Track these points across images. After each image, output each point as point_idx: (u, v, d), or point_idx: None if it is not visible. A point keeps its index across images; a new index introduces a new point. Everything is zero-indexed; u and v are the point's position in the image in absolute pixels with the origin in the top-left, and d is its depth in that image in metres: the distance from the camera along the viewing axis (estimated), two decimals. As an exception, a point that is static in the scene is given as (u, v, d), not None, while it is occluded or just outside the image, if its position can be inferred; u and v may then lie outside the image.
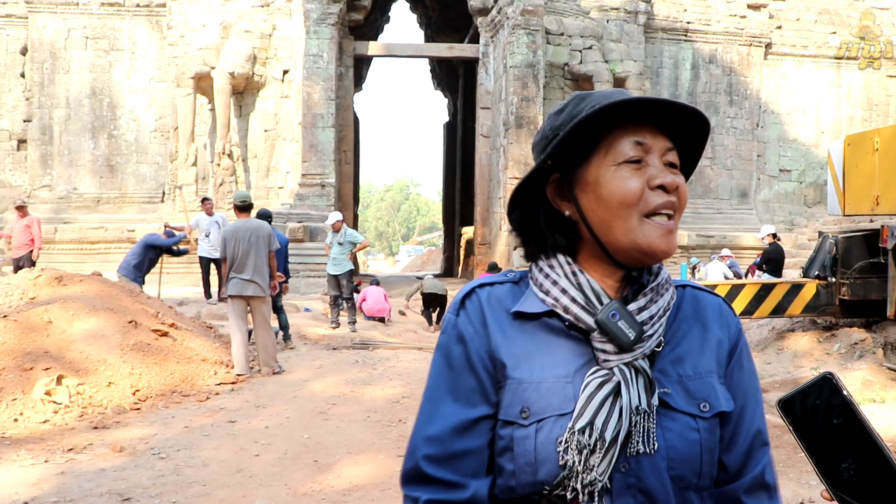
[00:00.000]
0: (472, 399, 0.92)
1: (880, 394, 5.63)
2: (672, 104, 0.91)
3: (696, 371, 0.93)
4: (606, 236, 0.92)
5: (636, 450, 0.87)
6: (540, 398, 0.89)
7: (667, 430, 0.88)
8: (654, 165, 0.92)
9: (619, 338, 0.88)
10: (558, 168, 0.96)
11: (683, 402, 0.90)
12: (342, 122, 16.14)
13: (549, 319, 0.93)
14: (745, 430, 0.95)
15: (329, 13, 14.85)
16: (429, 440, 0.91)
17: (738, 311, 7.25)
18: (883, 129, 7.00)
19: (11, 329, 5.55)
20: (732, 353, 0.98)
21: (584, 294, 0.92)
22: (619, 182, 0.91)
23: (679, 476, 0.88)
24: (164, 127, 16.44)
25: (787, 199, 19.02)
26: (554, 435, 0.87)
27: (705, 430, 0.90)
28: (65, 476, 3.88)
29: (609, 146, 0.92)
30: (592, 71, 15.84)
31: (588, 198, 0.93)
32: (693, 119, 0.94)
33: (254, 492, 3.73)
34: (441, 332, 0.97)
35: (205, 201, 11.71)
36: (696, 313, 0.98)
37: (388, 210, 69.05)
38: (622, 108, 0.91)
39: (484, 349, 0.92)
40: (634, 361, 0.89)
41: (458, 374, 0.93)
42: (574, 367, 0.90)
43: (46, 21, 16.29)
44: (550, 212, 0.97)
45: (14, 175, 16.98)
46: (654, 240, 0.90)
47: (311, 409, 5.43)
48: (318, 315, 11.16)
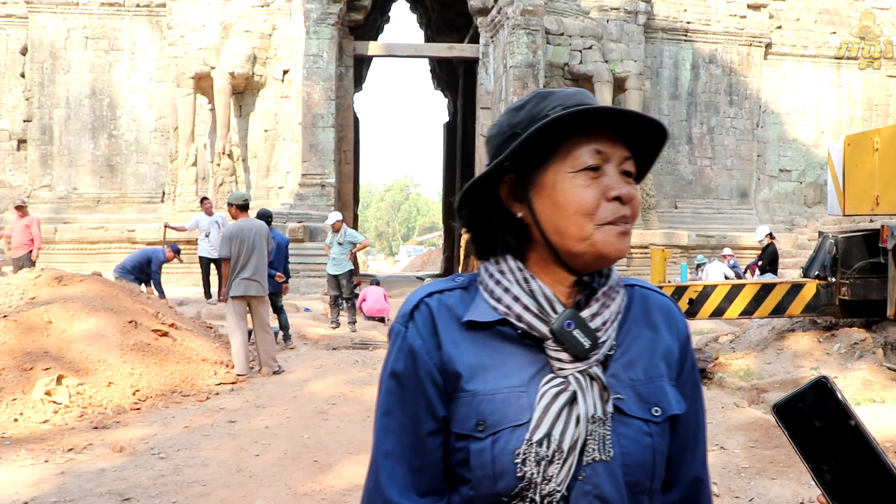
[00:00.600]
0: (422, 417, 0.91)
1: (880, 394, 5.63)
2: (637, 116, 0.91)
3: (647, 375, 0.93)
4: (559, 241, 0.91)
5: (592, 457, 0.87)
6: (495, 410, 0.88)
7: (621, 437, 0.89)
8: (611, 175, 0.91)
9: (574, 347, 0.88)
10: (514, 169, 0.94)
11: (636, 408, 0.91)
12: (342, 122, 16.14)
13: (501, 328, 0.91)
14: (692, 447, 0.99)
15: (329, 13, 14.85)
16: (388, 471, 0.91)
17: (738, 312, 7.24)
18: (883, 129, 7.00)
19: (11, 329, 5.55)
20: (683, 359, 0.98)
21: (538, 301, 0.90)
22: (577, 191, 0.90)
23: (634, 481, 0.89)
24: (164, 127, 16.44)
25: (787, 199, 19.02)
26: (511, 446, 0.86)
27: (657, 435, 0.91)
28: (65, 476, 3.89)
29: (568, 152, 0.91)
30: (592, 71, 15.85)
31: (543, 202, 0.92)
32: (652, 129, 0.94)
33: (254, 492, 3.73)
34: (390, 345, 0.95)
35: (204, 201, 11.71)
36: (645, 315, 0.98)
37: (388, 210, 69.05)
38: (586, 116, 0.90)
39: (434, 363, 0.91)
40: (589, 369, 0.88)
41: (407, 390, 0.91)
42: (528, 375, 0.89)
43: (46, 21, 16.29)
44: (502, 212, 0.95)
45: (14, 175, 16.98)
46: (610, 242, 0.89)
47: (311, 409, 5.43)
48: (318, 315, 11.16)
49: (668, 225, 17.45)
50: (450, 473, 0.92)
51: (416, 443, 0.91)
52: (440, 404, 0.91)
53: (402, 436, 0.91)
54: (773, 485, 3.87)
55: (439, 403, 0.91)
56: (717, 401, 5.77)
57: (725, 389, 6.71)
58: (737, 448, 4.47)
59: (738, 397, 6.21)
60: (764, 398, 6.13)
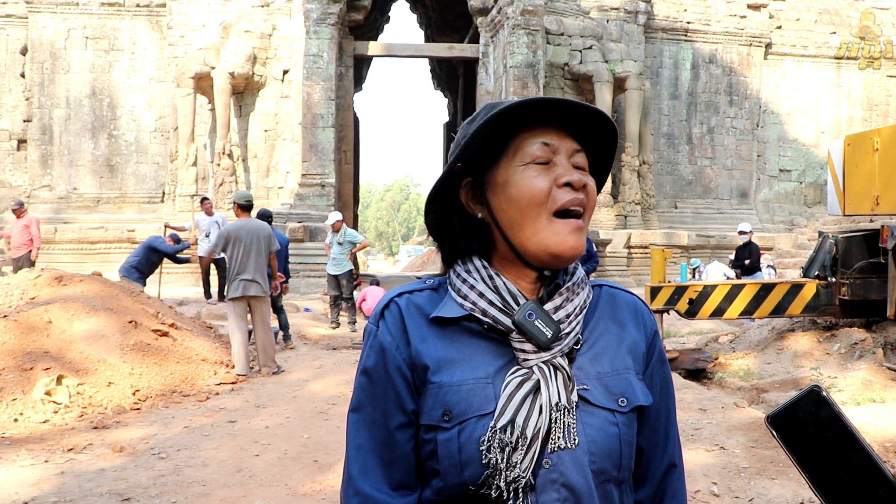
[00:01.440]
0: (392, 411, 0.93)
1: (880, 394, 5.63)
2: (572, 104, 0.94)
3: (613, 367, 0.95)
4: (516, 237, 0.93)
5: (557, 445, 0.88)
6: (461, 400, 0.90)
7: (587, 426, 0.90)
8: (562, 165, 0.94)
9: (536, 337, 0.90)
10: (470, 172, 0.97)
11: (602, 398, 0.92)
12: (342, 122, 16.14)
13: (467, 323, 0.94)
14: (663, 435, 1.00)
15: (329, 13, 14.85)
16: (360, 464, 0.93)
17: (738, 312, 7.25)
18: (883, 129, 7.00)
19: (11, 329, 5.55)
20: (650, 353, 1.00)
21: (501, 296, 0.93)
22: (527, 181, 0.92)
23: (600, 469, 0.90)
24: (164, 127, 16.45)
25: (787, 199, 19.03)
26: (476, 435, 0.88)
27: (623, 424, 0.93)
28: (65, 476, 3.89)
29: (517, 148, 0.94)
30: (592, 71, 15.85)
31: (498, 199, 0.95)
32: (600, 123, 0.97)
33: (254, 492, 3.73)
34: (364, 344, 0.98)
35: (204, 201, 11.70)
36: (612, 312, 1.00)
37: (388, 210, 69.06)
38: (529, 111, 0.93)
39: (402, 358, 0.93)
40: (553, 359, 0.91)
41: (377, 386, 0.94)
42: (494, 368, 0.91)
43: (46, 21, 16.29)
44: (464, 216, 0.98)
45: (14, 175, 16.99)
46: (562, 238, 0.91)
47: (311, 409, 5.43)
48: (318, 315, 11.16)
49: (668, 225, 17.45)
50: (421, 468, 0.94)
51: (387, 436, 0.93)
52: (409, 398, 0.93)
53: (372, 430, 0.93)
54: (773, 485, 3.87)
55: (408, 397, 0.93)
56: (717, 401, 5.77)
57: (725, 389, 6.71)
58: (737, 448, 4.47)
59: (738, 397, 6.20)
60: (764, 398, 6.13)
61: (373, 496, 0.91)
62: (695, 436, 4.71)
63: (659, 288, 7.44)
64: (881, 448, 4.70)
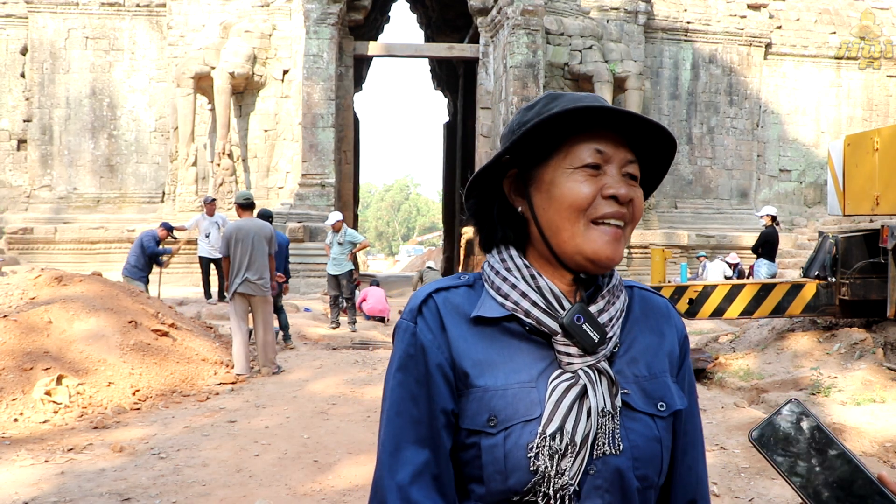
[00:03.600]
0: (435, 411, 0.89)
1: (880, 394, 5.63)
2: (637, 118, 0.91)
3: (650, 371, 0.95)
4: (553, 237, 0.92)
5: (603, 451, 0.87)
6: (506, 405, 0.88)
7: (630, 431, 0.89)
8: (612, 175, 0.92)
9: (584, 340, 0.89)
10: (517, 164, 0.96)
11: (642, 403, 0.92)
12: (342, 122, 16.14)
13: (508, 324, 0.92)
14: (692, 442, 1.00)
15: (329, 13, 14.85)
16: (397, 467, 0.88)
17: (738, 312, 7.24)
18: (883, 129, 6.99)
19: (11, 329, 5.55)
20: (682, 358, 1.00)
21: (545, 298, 0.91)
22: (573, 185, 0.91)
23: (643, 475, 0.90)
24: (164, 127, 16.44)
25: (787, 199, 19.02)
26: (523, 441, 0.86)
27: (664, 429, 0.92)
28: (65, 476, 3.88)
29: (569, 150, 0.92)
30: (592, 71, 15.84)
31: (541, 197, 0.93)
32: (658, 135, 0.95)
33: (254, 492, 3.73)
34: (398, 341, 0.94)
35: (212, 202, 11.46)
36: (645, 314, 1.00)
37: (388, 210, 69.02)
38: (587, 114, 0.91)
39: (444, 357, 0.90)
40: (597, 364, 0.89)
41: (420, 385, 0.90)
42: (537, 371, 0.90)
43: (46, 21, 16.28)
44: (504, 206, 0.97)
45: (14, 175, 16.98)
46: (600, 246, 0.90)
47: (311, 409, 5.42)
48: (318, 315, 11.16)
49: (668, 225, 17.45)
50: (459, 474, 0.91)
51: (431, 436, 0.89)
52: (450, 399, 0.90)
53: (417, 429, 0.89)
54: (772, 485, 3.87)
55: (449, 398, 0.90)
56: (717, 401, 5.77)
57: (725, 389, 6.71)
58: (737, 448, 4.46)
59: (738, 397, 6.20)
60: (764, 398, 6.13)
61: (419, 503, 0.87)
62: (695, 436, 4.70)
63: (659, 288, 7.44)
64: (881, 448, 4.70)
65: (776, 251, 11.25)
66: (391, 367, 0.94)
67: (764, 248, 10.84)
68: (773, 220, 11.08)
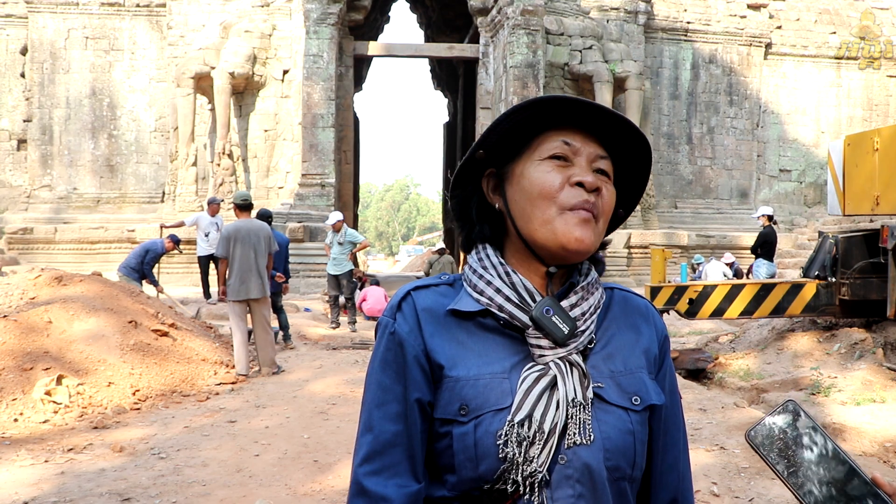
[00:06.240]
0: (411, 401, 0.92)
1: (880, 394, 5.63)
2: (603, 111, 0.93)
3: (626, 367, 0.96)
4: (525, 227, 0.94)
5: (573, 441, 0.89)
6: (477, 395, 0.90)
7: (602, 423, 0.91)
8: (580, 166, 0.94)
9: (553, 332, 0.91)
10: (494, 163, 0.99)
11: (616, 396, 0.93)
12: (342, 122, 16.14)
13: (483, 318, 0.94)
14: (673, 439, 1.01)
15: (329, 13, 14.85)
16: (368, 454, 0.91)
17: (738, 312, 7.24)
18: (883, 129, 6.99)
19: (11, 329, 5.55)
20: (662, 358, 1.02)
21: (518, 292, 0.94)
22: (540, 174, 0.93)
23: (615, 466, 0.91)
24: (164, 127, 16.45)
25: (787, 199, 19.02)
26: (493, 429, 0.88)
27: (637, 423, 0.94)
28: (65, 476, 3.88)
29: (539, 144, 0.96)
30: (592, 71, 15.84)
31: (513, 189, 0.96)
32: (632, 135, 0.96)
33: (254, 492, 3.73)
34: (379, 337, 0.97)
35: (216, 203, 11.39)
36: (625, 313, 1.02)
37: (388, 210, 69.04)
38: (554, 107, 0.94)
39: (420, 349, 0.93)
40: (569, 356, 0.91)
41: (396, 375, 0.93)
42: (510, 363, 0.92)
43: (46, 21, 16.29)
44: (483, 204, 1.00)
45: (14, 175, 16.99)
46: (569, 229, 0.91)
47: (311, 409, 5.42)
48: (318, 315, 11.16)
49: (668, 225, 17.45)
50: (433, 464, 0.93)
51: (406, 428, 0.92)
52: (427, 389, 0.93)
53: (395, 422, 0.92)
54: (772, 485, 3.87)
55: (426, 388, 0.93)
56: (717, 401, 5.76)
57: (725, 389, 6.71)
58: (737, 448, 4.46)
59: (738, 397, 6.20)
60: (764, 398, 6.13)
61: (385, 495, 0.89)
62: (695, 436, 4.71)
63: (659, 288, 7.44)
64: (881, 448, 4.70)
65: (775, 251, 11.22)
66: (373, 361, 0.97)
67: (763, 248, 10.83)
68: (769, 219, 11.05)
